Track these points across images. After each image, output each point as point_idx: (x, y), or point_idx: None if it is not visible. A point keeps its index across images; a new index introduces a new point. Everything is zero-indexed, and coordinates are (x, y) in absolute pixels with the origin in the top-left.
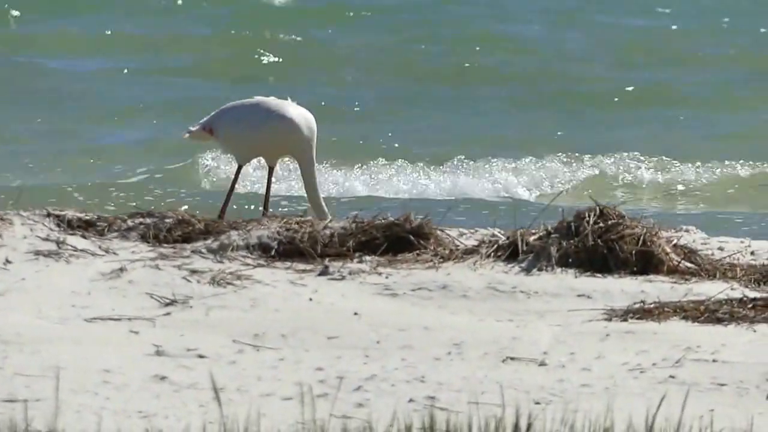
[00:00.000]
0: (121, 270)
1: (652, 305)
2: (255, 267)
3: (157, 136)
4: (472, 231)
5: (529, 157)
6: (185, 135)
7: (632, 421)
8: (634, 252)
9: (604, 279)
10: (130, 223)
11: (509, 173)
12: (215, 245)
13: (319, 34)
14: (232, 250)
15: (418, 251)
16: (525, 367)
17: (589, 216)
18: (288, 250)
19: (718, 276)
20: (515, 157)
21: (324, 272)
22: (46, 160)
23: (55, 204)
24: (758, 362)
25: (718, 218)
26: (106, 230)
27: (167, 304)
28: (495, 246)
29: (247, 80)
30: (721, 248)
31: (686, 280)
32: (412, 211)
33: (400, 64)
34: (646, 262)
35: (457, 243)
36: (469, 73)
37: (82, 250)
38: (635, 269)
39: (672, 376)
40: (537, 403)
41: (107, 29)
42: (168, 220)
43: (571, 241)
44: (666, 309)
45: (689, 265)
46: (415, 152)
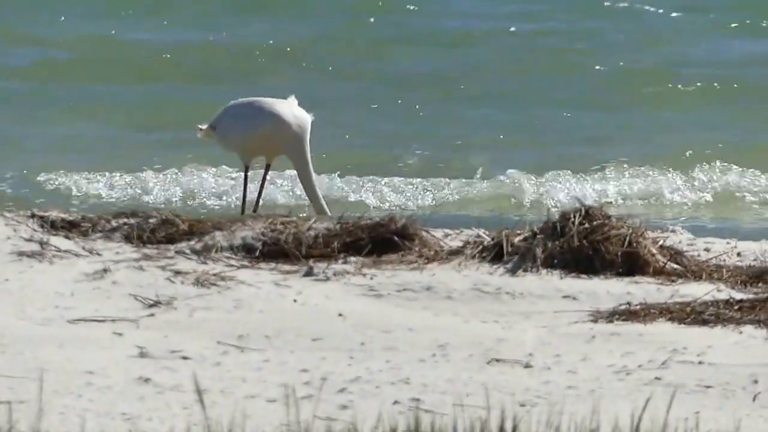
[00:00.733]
0: (105, 271)
1: (638, 307)
2: (239, 268)
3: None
4: (457, 232)
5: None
6: (197, 134)
7: (618, 423)
8: (620, 253)
9: (590, 280)
10: (114, 223)
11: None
12: (199, 246)
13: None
14: (216, 251)
15: (403, 252)
16: (510, 368)
17: (575, 216)
18: (272, 251)
19: (704, 277)
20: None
21: (309, 273)
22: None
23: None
24: (744, 364)
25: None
26: (90, 231)
27: (151, 306)
28: (480, 247)
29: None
30: (707, 249)
31: (672, 281)
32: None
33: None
34: (632, 263)
35: (442, 244)
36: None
37: (65, 251)
38: (621, 270)
39: (658, 378)
40: (522, 405)
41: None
42: (152, 221)
43: (557, 242)
44: (652, 310)
45: (675, 266)
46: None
